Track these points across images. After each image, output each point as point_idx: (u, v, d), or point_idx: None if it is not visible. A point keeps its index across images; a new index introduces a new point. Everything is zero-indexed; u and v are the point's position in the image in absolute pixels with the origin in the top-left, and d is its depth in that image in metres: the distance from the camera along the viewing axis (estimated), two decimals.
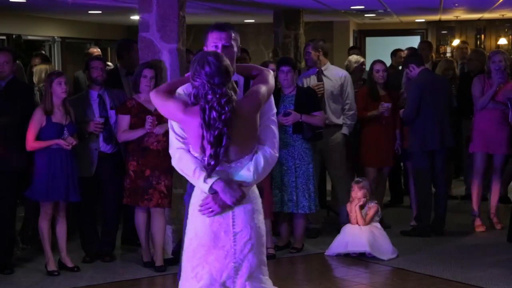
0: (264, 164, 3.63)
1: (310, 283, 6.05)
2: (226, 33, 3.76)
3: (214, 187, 3.56)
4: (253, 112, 3.58)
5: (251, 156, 3.62)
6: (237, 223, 3.62)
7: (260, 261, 3.68)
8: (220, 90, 3.47)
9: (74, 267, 6.30)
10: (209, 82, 3.48)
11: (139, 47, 6.63)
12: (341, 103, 7.51)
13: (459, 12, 13.88)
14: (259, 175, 3.63)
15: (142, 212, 6.35)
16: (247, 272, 3.63)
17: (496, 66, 7.41)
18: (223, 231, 3.61)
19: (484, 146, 7.55)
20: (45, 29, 12.53)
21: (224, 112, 3.45)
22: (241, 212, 3.62)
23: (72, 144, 6.08)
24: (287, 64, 6.83)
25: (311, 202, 6.74)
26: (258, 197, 3.73)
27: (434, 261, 6.54)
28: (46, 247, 6.24)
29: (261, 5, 10.54)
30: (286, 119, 6.69)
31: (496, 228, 7.65)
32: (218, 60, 3.51)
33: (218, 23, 3.83)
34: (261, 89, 3.66)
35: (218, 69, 3.49)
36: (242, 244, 3.61)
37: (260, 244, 3.68)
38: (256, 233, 3.64)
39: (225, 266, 3.61)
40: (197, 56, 3.58)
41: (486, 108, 7.47)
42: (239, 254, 3.61)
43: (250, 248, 3.63)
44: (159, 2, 6.48)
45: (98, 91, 6.62)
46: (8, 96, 6.32)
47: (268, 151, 3.67)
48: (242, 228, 3.62)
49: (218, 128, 3.46)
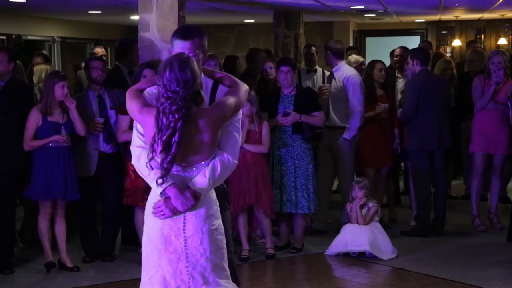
0: (221, 170, 3.59)
1: (310, 283, 6.05)
2: (190, 43, 3.68)
3: (167, 191, 3.55)
4: (213, 122, 3.52)
5: (208, 162, 3.58)
6: (187, 227, 3.58)
7: (216, 265, 3.61)
8: (174, 96, 3.44)
9: (74, 267, 6.30)
10: (165, 87, 3.47)
11: (139, 47, 6.64)
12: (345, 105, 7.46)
13: (459, 12, 13.88)
14: (215, 181, 3.60)
15: (142, 212, 6.30)
16: (202, 278, 3.58)
17: (495, 67, 7.41)
18: (173, 235, 3.58)
19: (484, 146, 7.55)
20: (45, 29, 12.54)
21: (173, 120, 3.42)
22: (193, 217, 3.58)
23: (65, 139, 6.09)
24: (286, 64, 6.83)
25: (310, 202, 6.74)
26: (213, 202, 3.67)
27: (434, 261, 6.54)
28: (46, 245, 6.26)
29: (261, 5, 10.54)
30: (286, 119, 6.69)
31: (496, 228, 7.65)
32: (182, 67, 3.46)
33: (182, 29, 3.75)
34: (229, 101, 3.62)
35: (177, 77, 3.45)
36: (193, 248, 3.57)
37: (216, 248, 3.61)
38: (209, 238, 3.58)
39: (178, 271, 3.57)
40: (168, 58, 3.58)
41: (486, 108, 7.47)
42: (191, 258, 3.57)
43: (202, 253, 3.58)
44: (159, 2, 6.48)
45: (98, 91, 6.63)
46: (7, 96, 6.32)
47: (226, 157, 3.61)
48: (193, 233, 3.58)
49: (167, 134, 3.44)
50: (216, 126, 3.55)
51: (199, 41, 3.71)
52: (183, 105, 3.45)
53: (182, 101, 3.45)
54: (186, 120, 3.46)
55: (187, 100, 3.45)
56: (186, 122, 3.46)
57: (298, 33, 11.34)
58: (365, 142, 7.64)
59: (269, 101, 6.91)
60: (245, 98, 3.73)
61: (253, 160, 6.53)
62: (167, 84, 3.47)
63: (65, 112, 6.19)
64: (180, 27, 3.79)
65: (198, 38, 3.71)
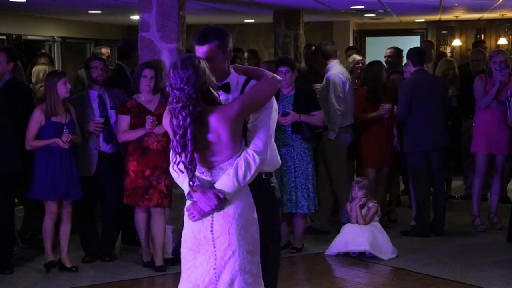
0: (245, 168, 3.54)
1: (310, 283, 6.05)
2: (206, 47, 3.68)
3: (192, 194, 3.57)
4: (225, 120, 3.48)
5: (233, 161, 3.55)
6: (215, 228, 3.57)
7: (243, 270, 3.57)
8: (180, 94, 3.44)
9: (72, 267, 6.30)
10: (171, 87, 3.48)
11: (139, 47, 6.64)
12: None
13: (459, 12, 13.88)
14: (240, 180, 3.54)
15: (142, 212, 6.35)
16: (228, 280, 3.56)
17: (497, 66, 7.41)
18: (203, 236, 3.59)
19: (486, 147, 7.54)
20: (45, 29, 12.53)
21: (181, 118, 3.43)
22: (220, 218, 3.57)
23: (67, 140, 6.08)
24: (285, 64, 6.81)
25: (310, 202, 6.74)
26: (245, 202, 3.61)
27: (434, 261, 6.54)
28: (47, 244, 6.27)
29: (261, 5, 10.55)
30: (285, 119, 6.68)
31: (496, 228, 7.65)
32: (184, 65, 3.47)
33: (199, 33, 3.73)
34: (244, 97, 3.59)
35: (180, 74, 3.45)
36: (222, 250, 3.56)
37: (245, 251, 3.57)
38: (237, 240, 3.55)
39: (207, 271, 3.58)
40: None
41: (489, 107, 7.46)
42: (220, 260, 3.56)
43: (230, 255, 3.55)
44: (159, 2, 6.49)
45: (98, 91, 6.63)
46: (5, 96, 6.32)
47: (250, 154, 3.56)
48: (220, 234, 3.56)
49: (179, 134, 3.45)
50: (231, 124, 3.50)
51: (217, 44, 3.69)
52: (189, 102, 3.43)
53: (187, 98, 3.43)
54: (196, 118, 3.44)
55: (193, 98, 3.44)
56: (196, 120, 3.44)
57: (298, 33, 11.35)
58: (367, 142, 7.64)
59: None
60: (273, 90, 3.67)
61: None
62: (172, 83, 3.47)
63: (67, 112, 6.20)
64: (199, 30, 3.77)
65: (216, 41, 3.69)
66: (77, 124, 6.29)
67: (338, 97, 7.38)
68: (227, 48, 3.76)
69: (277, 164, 3.97)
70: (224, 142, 3.52)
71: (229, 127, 3.50)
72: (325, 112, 7.27)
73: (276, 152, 3.94)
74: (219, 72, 3.70)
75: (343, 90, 7.43)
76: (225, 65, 3.76)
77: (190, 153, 3.47)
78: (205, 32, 3.74)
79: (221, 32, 3.76)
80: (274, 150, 3.91)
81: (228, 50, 3.78)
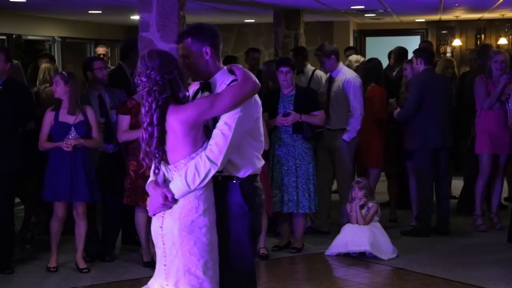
0: (194, 171, 3.51)
1: (310, 283, 6.05)
2: (181, 44, 3.70)
3: (146, 188, 3.66)
4: (182, 121, 3.51)
5: (188, 160, 3.55)
6: (164, 225, 3.61)
7: (187, 271, 3.56)
8: (146, 81, 3.53)
9: (83, 269, 6.29)
10: (139, 76, 3.58)
11: (139, 47, 6.63)
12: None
13: (459, 12, 13.88)
14: (189, 182, 3.52)
15: (142, 212, 6.33)
16: (174, 279, 3.59)
17: (499, 66, 7.40)
18: (156, 232, 3.65)
19: (491, 148, 7.51)
20: (45, 29, 12.53)
21: (147, 104, 3.52)
22: (168, 216, 3.60)
23: (71, 145, 6.07)
24: (286, 64, 6.81)
25: (311, 201, 6.74)
26: (193, 202, 3.56)
27: (434, 261, 6.54)
28: (53, 248, 6.28)
29: (261, 5, 10.54)
30: (286, 119, 6.68)
31: (496, 228, 7.65)
32: (150, 56, 3.56)
33: (180, 32, 3.79)
34: (206, 99, 3.58)
35: (146, 63, 3.55)
36: (168, 248, 3.60)
37: (188, 252, 3.55)
38: (179, 240, 3.55)
39: (161, 267, 3.65)
40: None
41: (493, 108, 7.44)
42: (168, 257, 3.61)
43: (175, 254, 3.58)
44: (159, 2, 6.48)
45: (99, 91, 6.63)
46: (4, 96, 6.32)
47: (202, 157, 3.53)
48: (167, 232, 3.60)
49: (147, 122, 3.54)
50: (184, 126, 3.52)
51: (191, 41, 3.67)
52: (155, 88, 3.50)
53: (154, 83, 3.50)
54: (162, 105, 3.50)
55: (160, 84, 3.50)
56: (162, 107, 3.50)
57: (298, 33, 11.34)
58: (374, 142, 7.66)
59: (269, 101, 6.90)
60: (244, 95, 3.56)
61: None
62: (140, 72, 3.56)
63: (79, 112, 6.16)
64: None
65: (190, 38, 3.67)
66: (94, 126, 6.23)
67: (360, 101, 7.38)
68: (204, 46, 3.67)
69: (251, 169, 3.72)
70: (179, 141, 3.55)
71: (181, 128, 3.53)
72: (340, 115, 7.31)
73: (256, 155, 3.76)
74: (196, 70, 3.68)
75: (362, 94, 7.45)
76: (203, 63, 3.68)
77: (156, 140, 3.52)
78: (184, 29, 3.78)
79: (200, 31, 3.71)
80: (254, 153, 3.75)
81: (206, 49, 3.67)
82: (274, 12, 11.42)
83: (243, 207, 3.70)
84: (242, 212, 3.70)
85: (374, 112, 7.62)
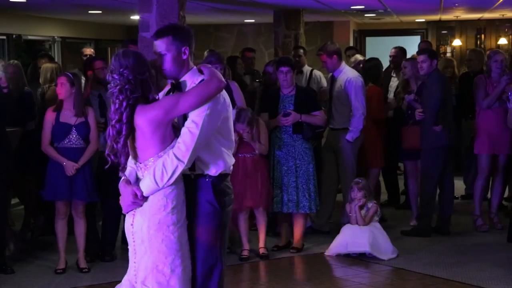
0: (162, 169, 3.57)
1: (310, 283, 6.05)
2: (159, 42, 3.71)
3: (119, 187, 3.70)
4: (148, 120, 3.57)
5: (156, 158, 3.60)
6: (134, 223, 3.67)
7: (155, 268, 3.62)
8: (119, 79, 3.57)
9: (84, 269, 6.29)
10: (111, 74, 3.62)
11: (139, 47, 6.64)
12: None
13: (459, 12, 13.88)
14: (158, 180, 3.57)
15: None
16: (142, 277, 3.65)
17: (498, 65, 7.40)
18: (128, 229, 3.70)
19: (490, 148, 7.51)
20: (45, 29, 12.53)
21: (118, 102, 3.56)
22: (138, 214, 3.66)
23: (74, 169, 6.06)
24: (286, 64, 6.81)
25: (311, 201, 6.74)
26: (162, 200, 3.60)
27: (434, 261, 6.54)
28: (60, 248, 6.28)
29: (261, 5, 10.55)
30: (286, 119, 6.68)
31: (496, 228, 7.64)
32: (124, 55, 3.60)
33: (158, 29, 3.80)
34: (170, 99, 3.64)
35: (120, 62, 3.59)
36: (138, 245, 3.66)
37: (156, 250, 3.60)
38: (148, 238, 3.61)
39: (132, 264, 3.71)
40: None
41: (492, 107, 7.44)
42: (138, 254, 3.67)
43: (144, 252, 3.64)
44: (159, 2, 6.49)
45: (99, 90, 6.63)
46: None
47: (170, 156, 3.58)
48: (137, 229, 3.65)
49: (115, 119, 3.59)
50: (150, 124, 3.57)
51: (170, 39, 3.69)
52: (127, 86, 3.55)
53: (125, 82, 3.55)
54: (132, 104, 3.55)
55: (132, 83, 3.55)
56: (132, 106, 3.55)
57: (298, 33, 11.34)
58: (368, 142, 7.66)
59: (269, 101, 6.91)
60: (208, 94, 3.60)
61: (253, 166, 6.52)
62: (112, 69, 3.60)
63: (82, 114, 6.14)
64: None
65: (169, 37, 3.70)
66: (93, 128, 6.21)
67: (362, 100, 7.34)
68: (183, 46, 3.71)
69: (222, 167, 3.78)
70: (148, 140, 3.60)
71: (148, 127, 3.58)
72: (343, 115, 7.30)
73: (226, 153, 3.80)
74: (170, 68, 3.72)
75: (364, 93, 7.41)
76: (179, 62, 3.73)
77: (124, 138, 3.57)
78: (163, 27, 3.80)
79: (180, 31, 3.77)
80: (224, 151, 3.79)
81: (185, 49, 3.72)
82: (274, 12, 11.42)
83: (214, 205, 3.77)
84: (213, 210, 3.77)
85: (372, 112, 7.61)
